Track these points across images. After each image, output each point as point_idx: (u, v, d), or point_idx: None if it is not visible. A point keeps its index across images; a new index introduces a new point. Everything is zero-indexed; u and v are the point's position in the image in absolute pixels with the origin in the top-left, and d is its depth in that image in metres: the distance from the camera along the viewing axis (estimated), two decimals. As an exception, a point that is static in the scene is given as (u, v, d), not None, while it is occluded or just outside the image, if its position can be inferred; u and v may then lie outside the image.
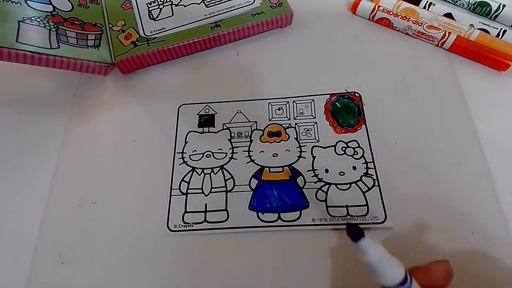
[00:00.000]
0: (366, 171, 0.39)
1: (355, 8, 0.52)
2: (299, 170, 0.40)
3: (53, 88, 0.50)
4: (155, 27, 0.50)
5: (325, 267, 0.36)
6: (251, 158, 0.41)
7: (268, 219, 0.38)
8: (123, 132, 0.45)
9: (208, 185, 0.40)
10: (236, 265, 0.36)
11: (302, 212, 0.38)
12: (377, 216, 0.37)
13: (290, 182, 0.40)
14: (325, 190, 0.39)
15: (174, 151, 0.43)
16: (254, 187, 0.40)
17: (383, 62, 0.48)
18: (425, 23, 0.48)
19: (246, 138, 0.43)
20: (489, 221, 0.37)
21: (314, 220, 0.37)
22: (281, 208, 0.38)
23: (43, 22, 0.44)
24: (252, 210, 0.38)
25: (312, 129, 0.43)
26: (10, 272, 0.38)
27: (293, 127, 0.43)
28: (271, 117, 0.44)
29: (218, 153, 0.42)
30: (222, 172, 0.41)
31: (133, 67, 0.49)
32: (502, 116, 0.43)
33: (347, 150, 0.41)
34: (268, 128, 0.43)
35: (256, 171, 0.41)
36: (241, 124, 0.44)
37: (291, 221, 0.37)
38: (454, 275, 0.30)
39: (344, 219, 0.37)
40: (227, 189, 0.40)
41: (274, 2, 0.50)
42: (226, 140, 0.43)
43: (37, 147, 0.45)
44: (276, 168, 0.41)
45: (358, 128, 0.42)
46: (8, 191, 0.42)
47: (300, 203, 0.38)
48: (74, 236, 0.39)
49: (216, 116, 0.45)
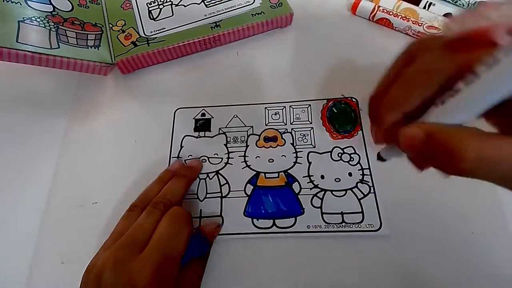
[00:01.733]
0: (362, 178, 0.39)
1: (355, 9, 0.51)
2: (294, 176, 0.40)
3: (53, 88, 0.50)
4: (155, 27, 0.50)
5: (320, 275, 0.35)
6: (246, 164, 0.41)
7: (263, 225, 0.38)
8: (124, 132, 0.46)
9: (203, 190, 0.40)
10: (231, 271, 0.36)
11: (297, 218, 0.38)
12: (372, 224, 0.37)
13: (286, 188, 0.39)
14: (321, 197, 0.39)
15: (170, 155, 0.43)
16: (249, 193, 0.40)
17: (383, 63, 0.47)
18: (425, 23, 0.48)
19: (242, 143, 0.43)
20: (489, 221, 0.37)
21: (309, 227, 0.37)
22: (276, 214, 0.38)
23: (43, 22, 0.44)
24: (247, 216, 0.38)
25: (309, 135, 0.42)
26: (10, 272, 0.38)
27: (289, 132, 0.43)
28: (267, 122, 0.44)
29: (213, 158, 0.42)
30: (218, 178, 0.41)
31: (133, 67, 0.49)
32: None
33: (343, 156, 0.41)
34: (264, 133, 0.43)
35: (252, 177, 0.40)
36: (237, 128, 0.44)
37: (286, 228, 0.37)
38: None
39: (339, 226, 0.37)
40: (222, 195, 0.40)
41: (274, 2, 0.50)
42: (222, 145, 0.43)
43: (37, 147, 0.45)
44: (271, 174, 0.40)
45: (354, 134, 0.42)
46: (8, 191, 0.43)
47: (295, 209, 0.38)
48: (74, 236, 0.39)
49: (212, 121, 0.45)
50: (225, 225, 0.38)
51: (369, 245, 0.36)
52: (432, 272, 0.35)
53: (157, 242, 0.32)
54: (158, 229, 0.33)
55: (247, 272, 0.36)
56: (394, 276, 0.35)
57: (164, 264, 0.31)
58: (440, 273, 0.35)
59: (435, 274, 0.35)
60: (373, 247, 0.36)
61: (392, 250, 0.36)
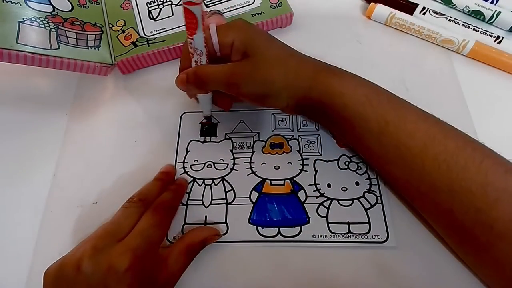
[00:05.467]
0: (369, 188, 0.39)
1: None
2: (300, 183, 0.40)
3: (53, 88, 0.49)
4: (155, 27, 0.49)
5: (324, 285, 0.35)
6: (252, 170, 0.41)
7: (268, 233, 0.37)
8: (124, 132, 0.45)
9: (209, 196, 0.40)
10: (235, 279, 0.36)
11: (303, 227, 0.37)
12: (379, 235, 0.36)
13: (291, 196, 0.39)
14: (327, 206, 0.38)
15: (175, 160, 0.42)
16: (254, 200, 0.39)
17: (383, 63, 0.48)
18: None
19: (248, 149, 0.42)
20: None
21: (314, 237, 0.37)
22: (281, 222, 0.38)
23: (43, 23, 0.43)
24: (252, 223, 0.38)
25: (315, 142, 0.42)
26: (10, 272, 0.38)
27: (295, 139, 0.42)
28: (274, 128, 0.43)
29: (219, 164, 0.42)
30: (223, 184, 0.40)
31: (133, 68, 0.49)
32: (502, 116, 0.43)
33: (350, 165, 0.40)
34: (270, 139, 0.43)
35: (257, 184, 0.40)
36: (243, 134, 0.43)
37: (291, 237, 0.37)
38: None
39: (345, 236, 0.37)
40: (227, 201, 0.39)
41: (274, 2, 0.50)
42: (228, 151, 0.42)
43: (37, 147, 0.45)
44: (277, 181, 0.40)
45: (362, 143, 0.41)
46: (8, 191, 0.42)
47: (300, 218, 0.38)
48: (74, 236, 0.39)
49: (219, 126, 0.44)
50: (230, 232, 0.38)
51: (375, 256, 0.36)
52: (438, 286, 0.35)
53: (138, 230, 0.33)
54: (141, 219, 0.34)
55: (250, 280, 0.36)
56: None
57: (145, 251, 0.32)
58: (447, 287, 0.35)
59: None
60: (379, 258, 0.36)
61: (399, 262, 0.36)
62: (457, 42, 0.47)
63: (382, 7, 0.51)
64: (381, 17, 0.51)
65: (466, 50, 0.46)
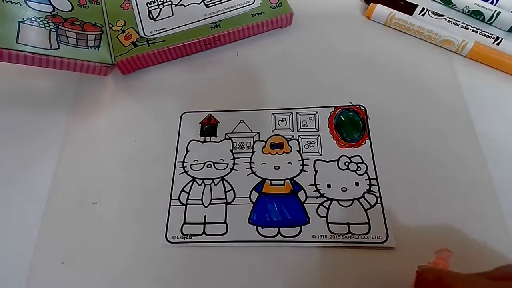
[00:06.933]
0: (369, 188, 0.39)
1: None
2: (300, 184, 0.40)
3: (53, 88, 0.49)
4: (155, 27, 0.49)
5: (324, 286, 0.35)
6: (252, 170, 0.41)
7: (268, 233, 0.37)
8: (124, 132, 0.45)
9: (208, 196, 0.40)
10: (234, 279, 0.36)
11: (303, 228, 0.37)
12: (378, 235, 0.36)
13: (291, 196, 0.39)
14: (327, 206, 0.38)
15: (175, 160, 0.42)
16: (254, 200, 0.39)
17: (383, 63, 0.48)
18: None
19: (248, 149, 0.42)
20: (489, 221, 0.37)
21: (314, 237, 0.37)
22: (281, 223, 0.38)
23: (43, 23, 0.43)
24: (252, 224, 0.38)
25: (315, 142, 0.42)
26: (10, 272, 0.38)
27: (296, 139, 0.42)
28: (274, 128, 0.43)
29: (219, 164, 0.42)
30: (223, 183, 0.40)
31: (133, 68, 0.49)
32: (502, 116, 0.43)
33: (350, 165, 0.40)
34: (270, 139, 0.43)
35: (257, 184, 0.40)
36: (244, 134, 0.43)
37: (291, 237, 0.37)
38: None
39: (345, 237, 0.37)
40: (227, 201, 0.39)
41: (274, 2, 0.50)
42: (228, 150, 0.42)
43: (37, 147, 0.45)
44: (277, 181, 0.40)
45: (362, 143, 0.41)
46: (8, 191, 0.42)
47: (300, 218, 0.38)
48: (74, 236, 0.39)
49: (219, 126, 0.44)
50: (229, 232, 0.38)
51: (375, 256, 0.36)
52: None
53: None
54: None
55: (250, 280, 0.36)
56: (399, 288, 0.35)
57: None
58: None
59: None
60: (378, 259, 0.36)
61: (398, 263, 0.36)
62: (456, 43, 0.47)
63: (381, 8, 0.51)
64: (381, 18, 0.51)
65: (466, 50, 0.47)
